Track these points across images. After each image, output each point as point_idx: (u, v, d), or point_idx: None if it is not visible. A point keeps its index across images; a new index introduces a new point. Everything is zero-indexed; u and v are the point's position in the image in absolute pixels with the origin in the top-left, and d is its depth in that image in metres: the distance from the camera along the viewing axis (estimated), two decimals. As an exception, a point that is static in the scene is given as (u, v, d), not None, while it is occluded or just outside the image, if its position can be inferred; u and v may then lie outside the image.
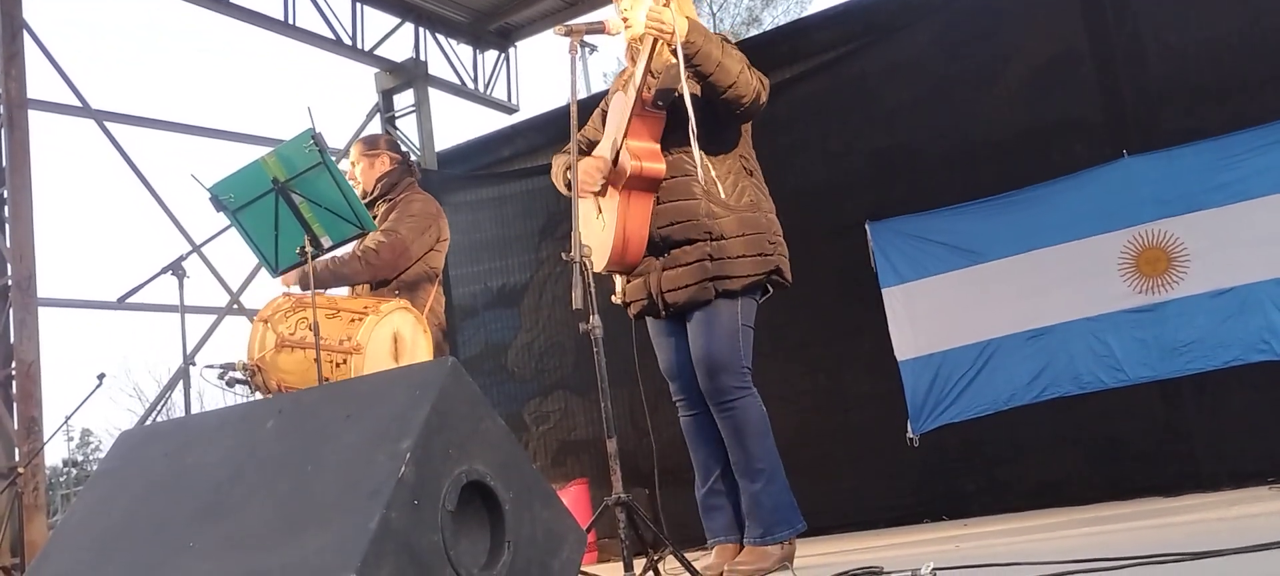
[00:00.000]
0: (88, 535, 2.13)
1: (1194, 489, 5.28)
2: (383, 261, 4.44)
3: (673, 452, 3.97)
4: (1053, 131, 6.06)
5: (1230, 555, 1.89)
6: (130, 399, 29.14)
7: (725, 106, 3.42)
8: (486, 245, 8.31)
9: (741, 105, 3.42)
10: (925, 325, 6.18)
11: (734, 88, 3.37)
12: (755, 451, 3.42)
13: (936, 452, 6.09)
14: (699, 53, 3.30)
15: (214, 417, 2.30)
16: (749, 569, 3.30)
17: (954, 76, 6.34)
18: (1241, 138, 5.44)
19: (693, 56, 3.30)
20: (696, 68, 3.33)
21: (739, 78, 3.37)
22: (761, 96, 3.46)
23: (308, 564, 1.73)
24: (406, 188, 4.71)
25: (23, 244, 6.45)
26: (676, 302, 3.46)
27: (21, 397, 6.35)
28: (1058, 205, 5.84)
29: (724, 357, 3.41)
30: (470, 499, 1.93)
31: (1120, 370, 5.65)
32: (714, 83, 3.35)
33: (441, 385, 1.94)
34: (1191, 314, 5.50)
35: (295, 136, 3.88)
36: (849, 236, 6.36)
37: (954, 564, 2.40)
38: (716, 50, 3.34)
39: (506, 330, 8.16)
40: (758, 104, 3.46)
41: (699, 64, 3.31)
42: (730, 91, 3.37)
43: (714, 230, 3.42)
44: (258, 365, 3.94)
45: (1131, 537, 3.04)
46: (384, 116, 9.05)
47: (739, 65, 3.39)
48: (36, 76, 6.82)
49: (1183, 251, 5.55)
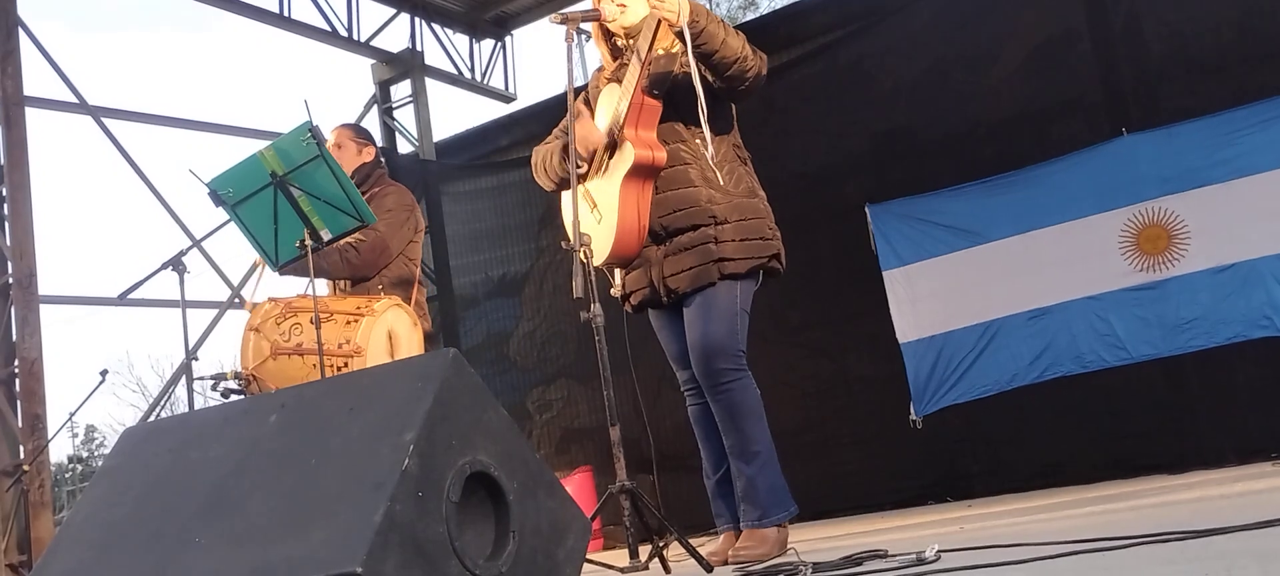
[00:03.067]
0: (93, 532, 2.13)
1: (1198, 466, 5.28)
2: (363, 260, 4.42)
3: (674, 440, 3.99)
4: (1052, 111, 6.05)
5: (1235, 532, 1.89)
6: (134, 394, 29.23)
7: (727, 85, 3.42)
8: (486, 235, 8.31)
9: (745, 82, 3.43)
10: (926, 307, 6.18)
11: (739, 65, 3.37)
12: (751, 433, 3.42)
13: (939, 434, 6.10)
14: (703, 32, 3.30)
15: (217, 413, 2.30)
16: (751, 554, 3.30)
17: (952, 57, 6.33)
18: (1241, 113, 5.43)
19: (698, 37, 3.29)
20: (701, 48, 3.32)
21: (743, 56, 3.38)
22: (761, 73, 3.47)
23: (313, 557, 1.74)
24: (377, 180, 4.70)
25: (23, 242, 6.45)
26: (679, 287, 3.46)
27: (25, 395, 6.36)
28: (1057, 185, 5.84)
29: (721, 341, 3.41)
30: (474, 489, 1.93)
31: (1122, 348, 5.65)
32: (719, 62, 3.35)
33: (443, 376, 1.94)
34: (1193, 291, 5.50)
35: (292, 130, 3.87)
36: (849, 219, 6.35)
37: (958, 545, 2.40)
38: (720, 30, 3.35)
39: (508, 319, 8.16)
40: (759, 81, 3.47)
41: (704, 43, 3.31)
42: (734, 68, 3.37)
43: (717, 215, 3.42)
44: (253, 374, 3.91)
45: (1135, 516, 3.04)
46: (381, 108, 9.03)
47: (741, 43, 3.39)
48: (33, 74, 6.82)
49: (1183, 228, 5.54)
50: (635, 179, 3.41)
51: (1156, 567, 1.65)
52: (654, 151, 3.42)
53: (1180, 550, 1.81)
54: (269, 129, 7.65)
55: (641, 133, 3.43)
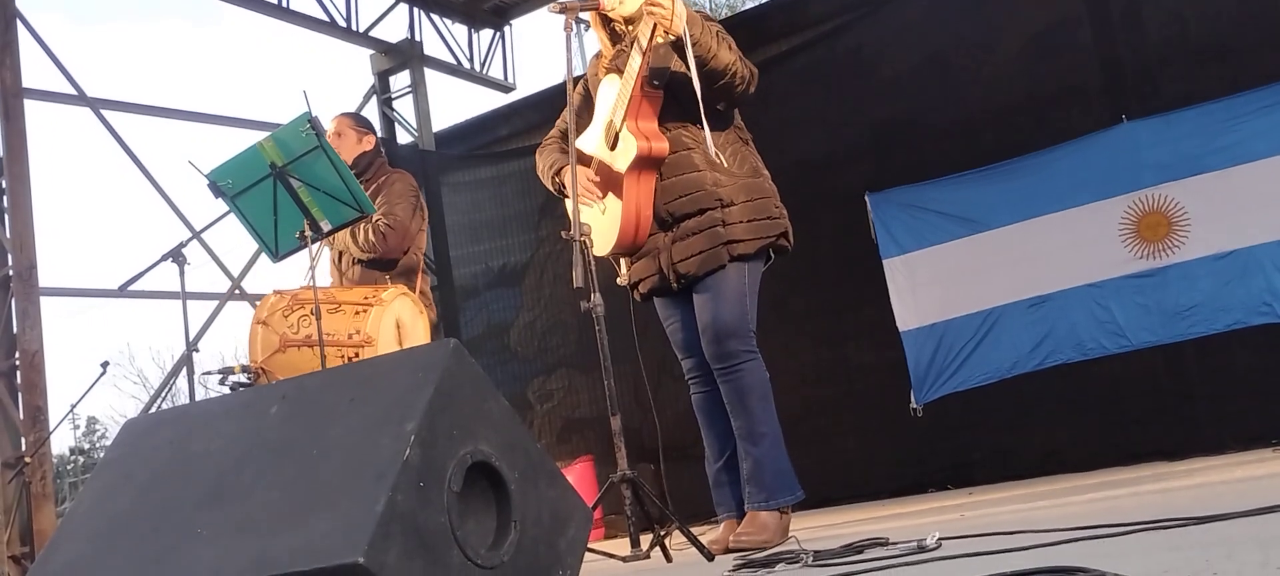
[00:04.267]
0: (95, 524, 2.14)
1: (1198, 452, 5.29)
2: (390, 246, 4.45)
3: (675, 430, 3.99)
4: (1051, 98, 6.05)
5: (1236, 518, 1.89)
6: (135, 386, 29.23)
7: (716, 96, 3.44)
8: (486, 225, 8.31)
9: (733, 95, 3.46)
10: (927, 295, 6.18)
11: (727, 78, 3.39)
12: (759, 415, 3.43)
13: (940, 422, 6.10)
14: (697, 43, 3.30)
15: (218, 404, 2.31)
16: (752, 540, 3.31)
17: (951, 45, 6.32)
18: (1241, 100, 5.43)
19: (692, 46, 3.29)
20: (695, 57, 3.32)
21: (732, 69, 3.39)
22: (750, 87, 3.49)
23: (314, 547, 1.74)
24: (380, 168, 4.71)
25: (23, 234, 6.46)
26: (689, 271, 3.46)
27: (26, 387, 6.37)
28: (1057, 172, 5.83)
29: (732, 323, 3.42)
30: (476, 479, 1.93)
31: (1123, 336, 5.65)
32: (710, 72, 3.35)
33: (444, 366, 1.94)
34: (1193, 278, 5.50)
35: (292, 120, 3.87)
36: (849, 208, 6.35)
37: (959, 533, 2.40)
38: (712, 41, 3.35)
39: (508, 310, 8.17)
40: (747, 94, 3.50)
41: (698, 53, 3.31)
42: (724, 80, 3.39)
43: (724, 197, 3.43)
44: (262, 367, 3.92)
45: (1136, 503, 3.04)
46: (380, 98, 9.02)
47: (732, 56, 3.41)
48: (32, 66, 6.82)
49: (1183, 216, 5.54)
50: (636, 170, 3.42)
51: (1158, 554, 1.65)
52: (653, 143, 3.43)
53: (1181, 536, 1.81)
54: (268, 120, 7.64)
55: (642, 124, 3.43)
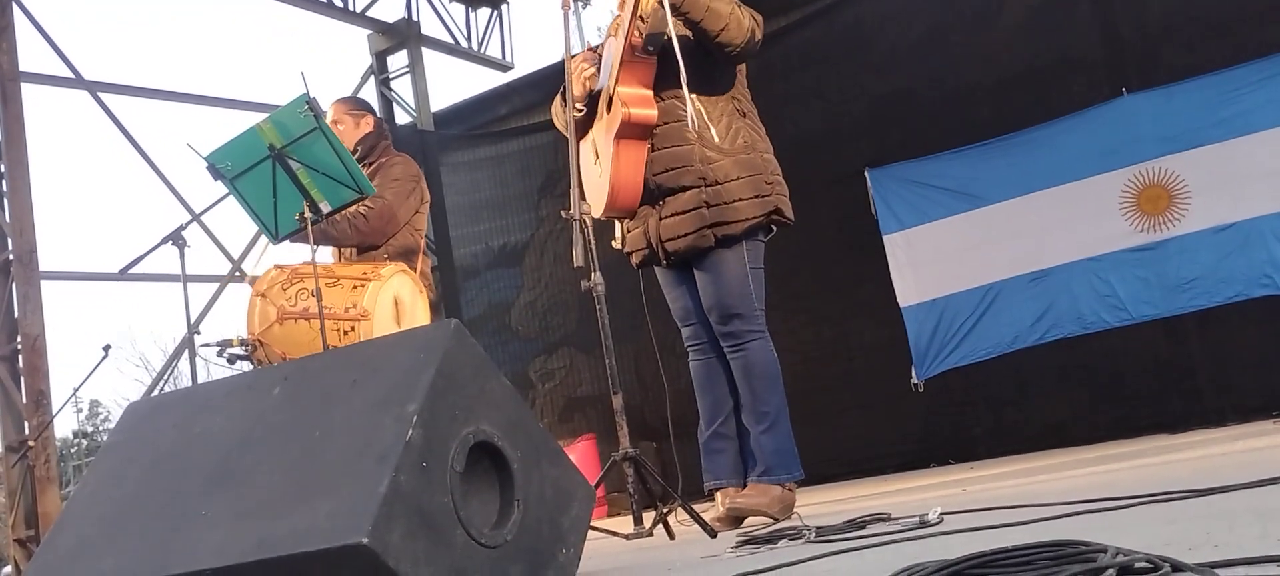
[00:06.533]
0: (100, 507, 2.14)
1: (1199, 425, 5.30)
2: (371, 228, 4.40)
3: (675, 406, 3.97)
4: (1051, 71, 6.03)
5: (1237, 490, 1.90)
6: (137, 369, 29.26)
7: (716, 51, 3.39)
8: (486, 205, 8.30)
9: (734, 48, 3.38)
10: (927, 271, 6.18)
11: (725, 32, 3.33)
12: (763, 394, 3.44)
13: (942, 397, 6.11)
14: (686, 2, 3.27)
15: (220, 386, 2.31)
16: (751, 502, 3.34)
17: (950, 19, 6.29)
18: (1241, 71, 5.41)
19: (680, 5, 3.27)
20: (684, 16, 3.30)
21: (729, 21, 3.33)
22: (755, 35, 3.41)
23: (319, 528, 1.74)
24: (383, 150, 4.67)
25: (22, 218, 6.45)
26: (677, 250, 3.45)
27: (29, 371, 6.38)
28: (1057, 146, 5.83)
29: (736, 304, 3.42)
30: (478, 459, 1.93)
31: (1123, 309, 5.65)
32: (704, 29, 3.32)
33: (446, 347, 1.94)
34: (1193, 250, 5.50)
35: (290, 102, 3.85)
36: (848, 184, 6.34)
37: (961, 507, 2.41)
38: None
39: (509, 289, 8.17)
40: (752, 44, 3.42)
41: (686, 11, 3.28)
42: (722, 35, 3.33)
43: (709, 175, 3.40)
44: (259, 339, 3.92)
45: (1138, 476, 3.05)
46: (378, 78, 8.99)
47: (728, 6, 3.35)
48: (29, 49, 6.79)
49: (1183, 188, 5.53)
50: (626, 135, 3.40)
51: (1159, 526, 1.65)
52: (639, 109, 3.38)
53: (1182, 509, 1.82)
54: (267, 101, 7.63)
55: (630, 91, 3.40)
